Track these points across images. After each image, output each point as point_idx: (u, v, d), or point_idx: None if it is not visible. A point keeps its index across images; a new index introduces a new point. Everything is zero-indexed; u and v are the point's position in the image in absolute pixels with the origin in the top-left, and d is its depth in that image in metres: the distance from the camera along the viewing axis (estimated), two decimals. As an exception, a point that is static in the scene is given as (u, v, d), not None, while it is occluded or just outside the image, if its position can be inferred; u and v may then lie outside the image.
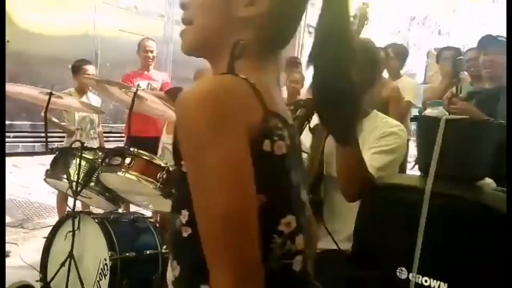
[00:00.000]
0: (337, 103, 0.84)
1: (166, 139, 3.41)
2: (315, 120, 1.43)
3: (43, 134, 2.34)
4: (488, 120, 1.22)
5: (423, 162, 1.21)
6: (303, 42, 7.39)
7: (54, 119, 3.62)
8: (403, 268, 1.15)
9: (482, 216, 1.07)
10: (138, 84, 2.01)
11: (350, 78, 0.82)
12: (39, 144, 4.71)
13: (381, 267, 1.19)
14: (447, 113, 1.19)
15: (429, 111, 1.21)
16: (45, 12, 4.83)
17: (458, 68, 2.58)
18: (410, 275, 1.13)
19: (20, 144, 4.84)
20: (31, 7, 4.71)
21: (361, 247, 1.25)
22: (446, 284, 1.09)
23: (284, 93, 4.04)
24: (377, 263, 1.20)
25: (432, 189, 1.13)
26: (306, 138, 1.46)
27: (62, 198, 3.31)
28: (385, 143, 1.43)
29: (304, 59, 4.36)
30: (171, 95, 3.30)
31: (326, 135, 1.42)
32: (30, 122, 4.78)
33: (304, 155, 1.50)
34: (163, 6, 6.18)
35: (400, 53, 3.68)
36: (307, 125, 1.42)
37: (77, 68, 3.45)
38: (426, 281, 1.11)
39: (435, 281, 1.10)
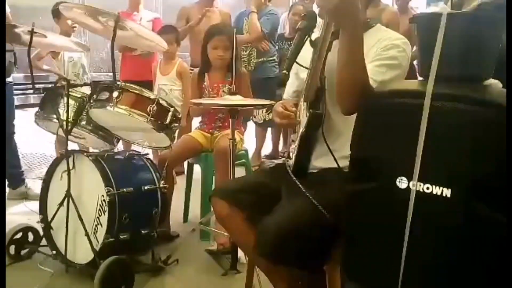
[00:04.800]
0: None
1: (160, 81, 3.32)
2: (316, 33, 1.34)
3: (36, 86, 2.26)
4: (494, 14, 1.11)
5: (424, 64, 1.12)
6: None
7: (46, 66, 3.54)
8: (403, 178, 1.09)
9: (489, 114, 0.99)
10: (119, 12, 1.86)
11: None
12: (34, 95, 4.63)
13: (380, 178, 1.13)
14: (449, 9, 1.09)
15: (429, 9, 1.10)
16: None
17: None
18: (411, 183, 1.08)
19: (15, 97, 4.75)
20: None
21: (358, 159, 1.18)
22: (449, 190, 1.03)
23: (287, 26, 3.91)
24: (375, 174, 1.14)
25: (434, 90, 1.05)
26: (307, 53, 1.37)
27: (60, 143, 3.30)
28: (388, 55, 1.36)
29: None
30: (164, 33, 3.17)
31: (328, 48, 1.33)
32: (23, 74, 4.67)
33: (305, 71, 1.42)
34: None
35: None
36: (308, 39, 1.34)
37: (58, 11, 3.30)
38: (428, 188, 1.06)
39: (437, 187, 1.04)
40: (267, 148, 4.25)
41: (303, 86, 1.47)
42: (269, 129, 4.08)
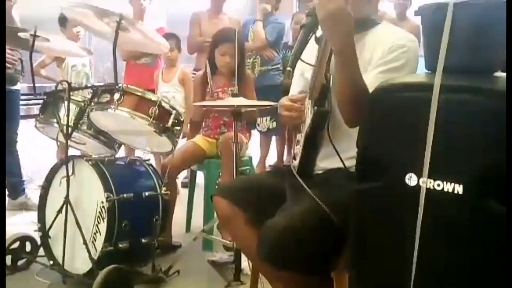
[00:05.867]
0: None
1: (163, 88, 3.30)
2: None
3: (39, 96, 2.24)
4: (503, 2, 1.07)
5: (430, 56, 1.08)
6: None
7: (48, 74, 3.54)
8: (412, 174, 1.04)
9: (499, 106, 0.94)
10: (121, 14, 1.84)
11: None
12: (37, 106, 4.62)
13: (388, 175, 1.08)
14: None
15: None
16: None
17: None
18: (420, 180, 1.02)
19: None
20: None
21: (365, 156, 1.13)
22: (461, 186, 0.97)
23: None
24: (383, 172, 1.09)
25: (442, 83, 1.00)
26: (311, 49, 1.33)
27: (61, 150, 3.27)
28: (392, 58, 1.32)
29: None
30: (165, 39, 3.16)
31: None
32: (27, 84, 4.68)
33: (310, 68, 1.38)
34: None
35: None
36: (313, 35, 1.30)
37: (64, 19, 3.33)
38: (438, 185, 1.00)
39: (448, 183, 0.99)
40: (272, 158, 4.20)
41: (308, 86, 1.43)
42: (273, 139, 4.03)
